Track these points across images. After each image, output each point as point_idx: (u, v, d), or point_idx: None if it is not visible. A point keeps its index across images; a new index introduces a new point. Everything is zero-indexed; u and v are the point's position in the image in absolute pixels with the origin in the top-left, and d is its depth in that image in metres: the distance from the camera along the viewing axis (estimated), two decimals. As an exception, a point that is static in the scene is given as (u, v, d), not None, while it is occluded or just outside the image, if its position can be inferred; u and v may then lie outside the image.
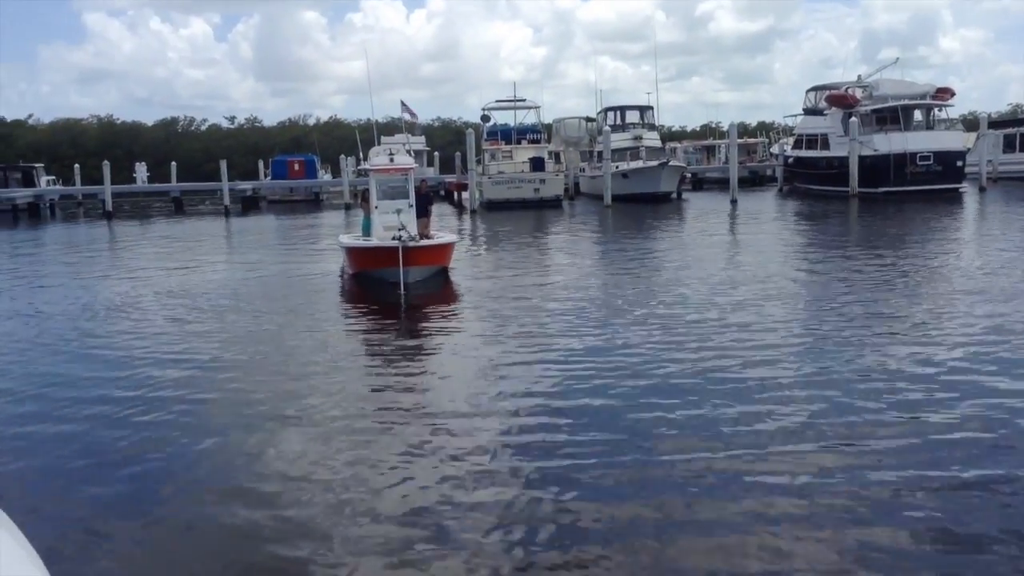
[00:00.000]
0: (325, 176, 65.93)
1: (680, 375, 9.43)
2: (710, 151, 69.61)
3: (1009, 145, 49.80)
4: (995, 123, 52.33)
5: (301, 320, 14.06)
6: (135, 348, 11.98)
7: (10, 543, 2.83)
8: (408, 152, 20.66)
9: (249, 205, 54.53)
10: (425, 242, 17.75)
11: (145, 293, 17.26)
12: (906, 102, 42.80)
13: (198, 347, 11.91)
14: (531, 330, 12.24)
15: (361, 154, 20.57)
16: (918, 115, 43.84)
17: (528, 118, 51.42)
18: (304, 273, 20.55)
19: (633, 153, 46.70)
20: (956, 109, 48.09)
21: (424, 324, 14.02)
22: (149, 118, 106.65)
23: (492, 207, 42.62)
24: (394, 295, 15.78)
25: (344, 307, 16.19)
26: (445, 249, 18.46)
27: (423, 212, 19.17)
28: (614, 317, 12.98)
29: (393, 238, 16.78)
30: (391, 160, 18.79)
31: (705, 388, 8.84)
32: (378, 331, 13.76)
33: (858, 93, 45.44)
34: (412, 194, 18.66)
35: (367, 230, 19.05)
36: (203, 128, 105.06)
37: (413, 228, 17.82)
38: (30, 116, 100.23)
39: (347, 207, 48.25)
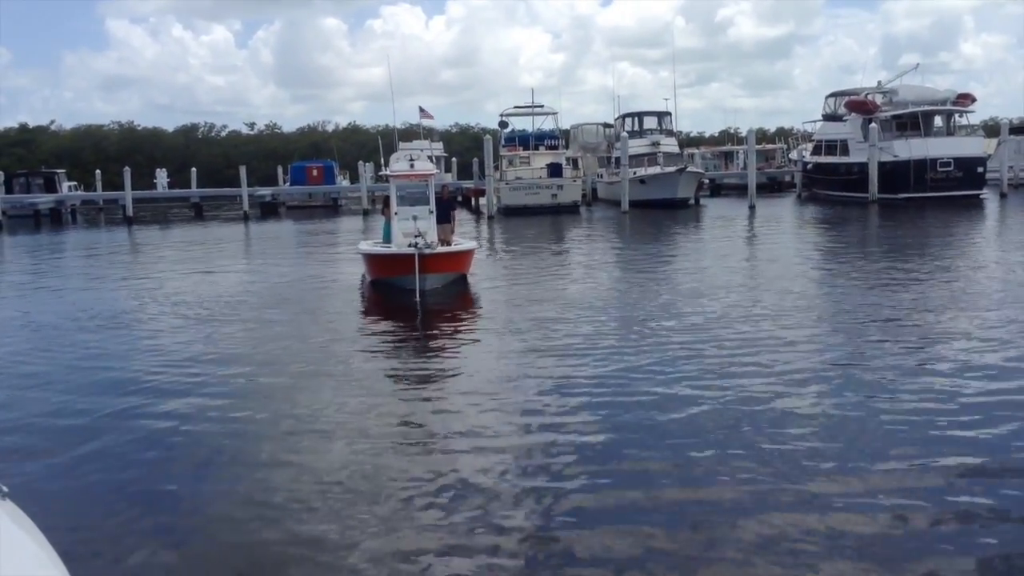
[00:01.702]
0: (343, 182, 66.21)
1: (706, 394, 9.19)
2: (728, 157, 69.34)
3: (1031, 151, 49.37)
4: (1016, 129, 51.73)
5: (314, 327, 14.03)
6: (149, 354, 12.06)
7: (32, 547, 2.85)
8: (430, 158, 20.53)
9: (268, 211, 54.84)
10: (442, 249, 17.64)
11: (160, 299, 17.36)
12: (926, 108, 42.48)
13: (210, 354, 11.98)
14: (549, 343, 11.98)
15: (383, 159, 20.53)
16: (938, 121, 43.48)
17: (546, 124, 51.50)
18: (321, 279, 20.62)
19: (651, 159, 46.59)
20: (977, 115, 47.83)
21: (438, 334, 13.84)
22: (170, 124, 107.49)
23: (510, 213, 42.64)
24: (410, 302, 15.70)
25: (359, 315, 16.15)
26: (463, 256, 18.40)
27: (445, 218, 19.11)
28: (634, 328, 12.86)
29: (409, 245, 16.74)
30: (411, 166, 18.72)
31: (734, 408, 8.62)
32: (391, 340, 13.56)
33: (878, 99, 45.15)
34: (432, 200, 18.62)
35: (388, 236, 18.99)
36: (223, 134, 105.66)
37: (433, 235, 17.74)
38: (52, 122, 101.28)
39: (365, 213, 48.41)
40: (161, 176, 70.27)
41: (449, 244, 18.56)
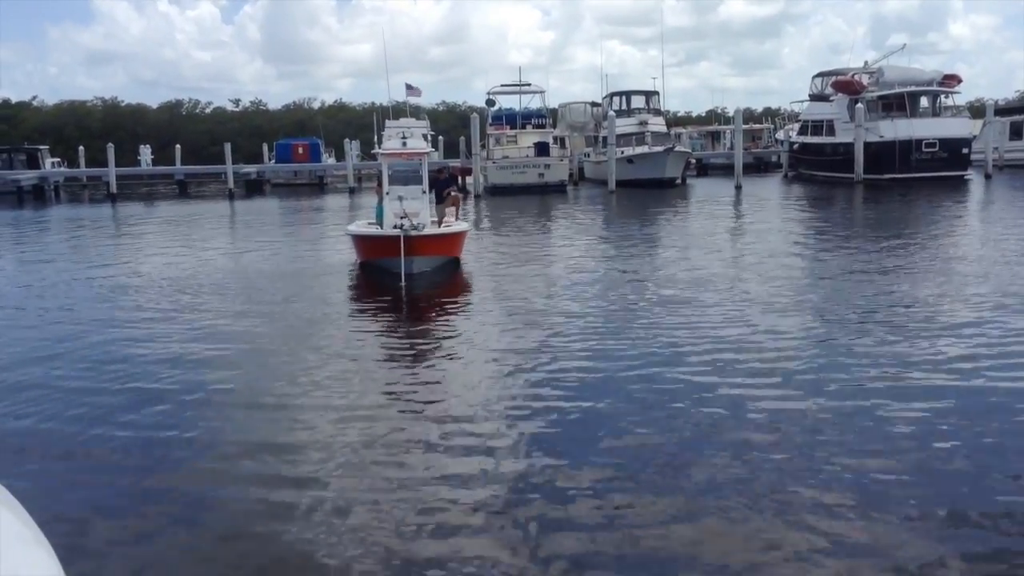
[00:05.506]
0: (329, 160, 65.91)
1: (693, 377, 9.17)
2: (715, 137, 69.37)
3: (1016, 132, 49.49)
4: (1002, 110, 51.88)
5: (295, 311, 13.83)
6: (129, 338, 11.92)
7: (14, 522, 2.85)
8: (424, 136, 19.59)
9: (253, 188, 54.64)
10: (430, 231, 17.14)
11: (139, 280, 17.25)
12: (912, 88, 42.54)
13: (189, 335, 11.95)
14: (538, 335, 11.38)
15: (376, 137, 19.93)
16: (924, 102, 43.58)
17: (533, 103, 51.32)
18: (306, 259, 20.50)
19: (638, 138, 46.55)
20: (963, 96, 47.79)
21: (422, 321, 13.56)
22: (154, 100, 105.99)
23: (496, 192, 42.57)
24: (396, 286, 15.34)
25: (343, 298, 15.72)
26: (454, 239, 17.95)
27: (443, 199, 18.76)
28: (624, 315, 12.80)
29: (395, 226, 16.36)
30: (404, 144, 18.21)
31: (723, 394, 8.52)
32: (371, 326, 13.28)
33: (864, 79, 45.22)
34: (426, 180, 18.15)
35: (380, 216, 18.31)
36: (208, 111, 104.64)
37: (426, 216, 17.34)
38: (35, 97, 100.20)
39: (351, 191, 48.20)
40: (145, 153, 69.74)
41: (448, 225, 18.26)
